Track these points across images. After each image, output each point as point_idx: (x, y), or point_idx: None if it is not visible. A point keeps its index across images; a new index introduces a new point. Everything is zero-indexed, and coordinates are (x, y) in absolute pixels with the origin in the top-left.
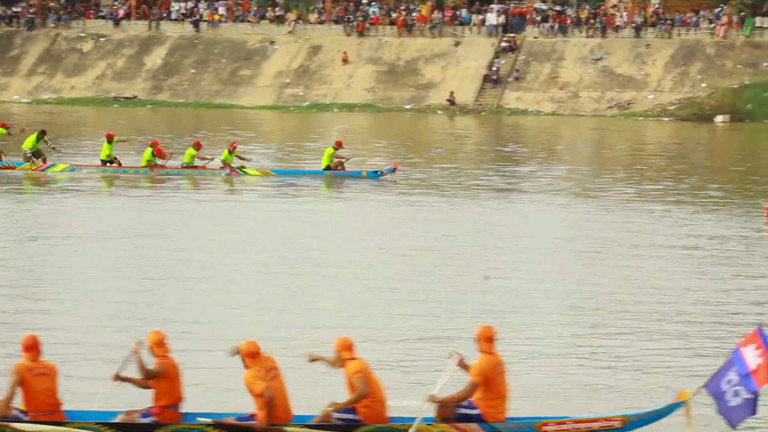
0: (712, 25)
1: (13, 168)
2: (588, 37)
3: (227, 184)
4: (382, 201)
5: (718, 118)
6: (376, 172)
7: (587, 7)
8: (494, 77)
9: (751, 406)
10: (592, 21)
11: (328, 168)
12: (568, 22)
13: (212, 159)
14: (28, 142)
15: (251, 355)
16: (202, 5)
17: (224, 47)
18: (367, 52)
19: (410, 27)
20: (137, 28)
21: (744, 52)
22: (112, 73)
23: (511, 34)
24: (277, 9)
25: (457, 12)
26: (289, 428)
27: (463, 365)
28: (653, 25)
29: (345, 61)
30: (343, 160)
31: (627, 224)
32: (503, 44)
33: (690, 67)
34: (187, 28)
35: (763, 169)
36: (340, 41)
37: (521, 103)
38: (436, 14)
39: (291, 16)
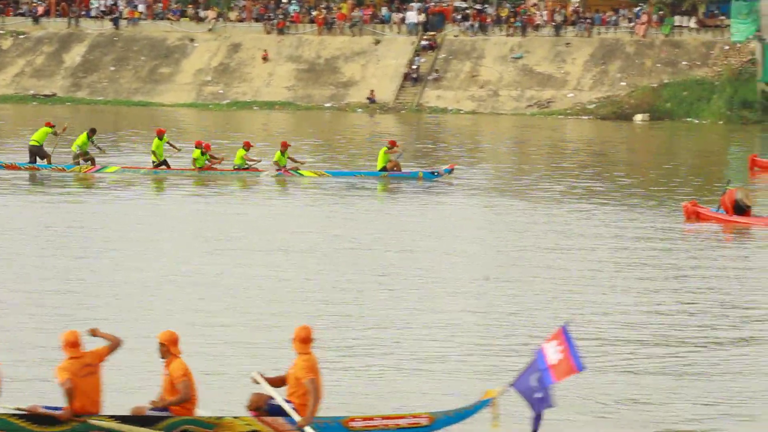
0: (632, 24)
1: (62, 170)
2: (508, 35)
3: (279, 185)
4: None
5: (638, 117)
6: (433, 172)
7: (507, 5)
8: (414, 75)
9: (548, 399)
10: (512, 20)
11: (384, 169)
12: (489, 20)
13: (260, 161)
14: (78, 143)
15: (70, 345)
16: (121, 2)
17: (144, 45)
18: (287, 51)
19: (330, 25)
20: (57, 25)
21: (663, 51)
22: (31, 71)
23: (432, 33)
24: (197, 7)
25: (378, 10)
26: (93, 420)
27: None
28: (573, 23)
29: (265, 59)
30: (398, 161)
31: (547, 222)
32: (423, 43)
33: (609, 66)
34: (107, 25)
35: (682, 167)
36: (260, 39)
37: (441, 102)
38: (357, 12)
39: (211, 13)
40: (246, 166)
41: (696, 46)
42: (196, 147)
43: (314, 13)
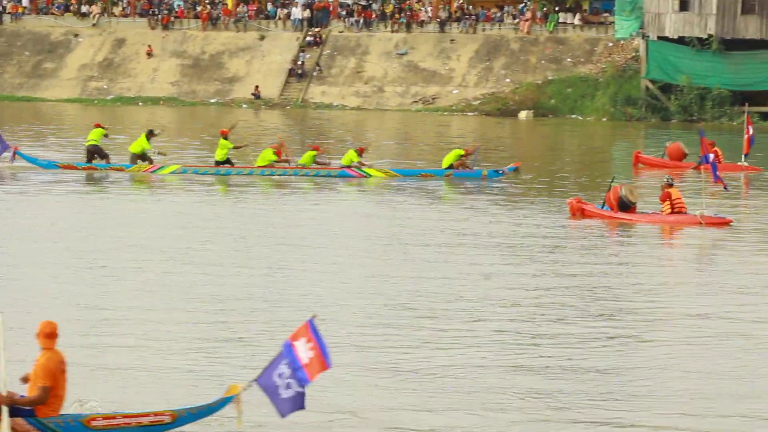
0: (516, 21)
1: (121, 170)
2: (393, 31)
3: (349, 186)
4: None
5: (522, 114)
6: (497, 171)
7: (392, 1)
8: (299, 71)
9: (301, 399)
10: (397, 16)
11: (450, 167)
12: (373, 16)
13: (329, 163)
14: (137, 143)
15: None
16: None
17: (27, 40)
18: (172, 46)
19: (215, 20)
20: None
21: (547, 47)
22: None
23: (316, 29)
24: (81, 2)
25: (263, 6)
26: None
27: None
28: (458, 20)
29: (150, 54)
30: (467, 161)
31: (426, 219)
32: (308, 38)
33: (494, 63)
34: None
35: (566, 163)
36: (144, 34)
37: (326, 98)
38: (241, 8)
39: (95, 8)
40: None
41: (580, 43)
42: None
43: (199, 8)
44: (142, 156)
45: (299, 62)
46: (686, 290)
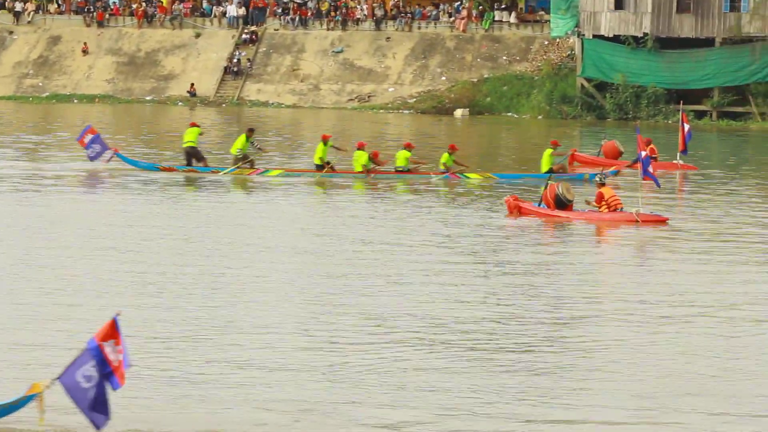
0: (452, 19)
1: (217, 173)
2: (328, 29)
3: (445, 187)
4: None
5: (458, 111)
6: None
7: None
8: (235, 69)
9: (107, 406)
10: (332, 14)
11: (550, 171)
12: (309, 14)
13: (424, 164)
14: (238, 144)
15: None
16: None
17: None
18: (107, 43)
19: (151, 18)
20: None
21: (483, 45)
22: None
23: (252, 26)
24: None
25: (199, 4)
26: None
27: None
28: (393, 18)
29: (85, 51)
30: (563, 163)
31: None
32: (244, 36)
33: (430, 61)
34: None
35: (502, 161)
36: (80, 32)
37: (262, 95)
38: (177, 5)
39: (30, 6)
40: (409, 168)
41: (516, 41)
42: (359, 149)
43: (134, 6)
44: (244, 157)
45: (235, 60)
46: (622, 287)
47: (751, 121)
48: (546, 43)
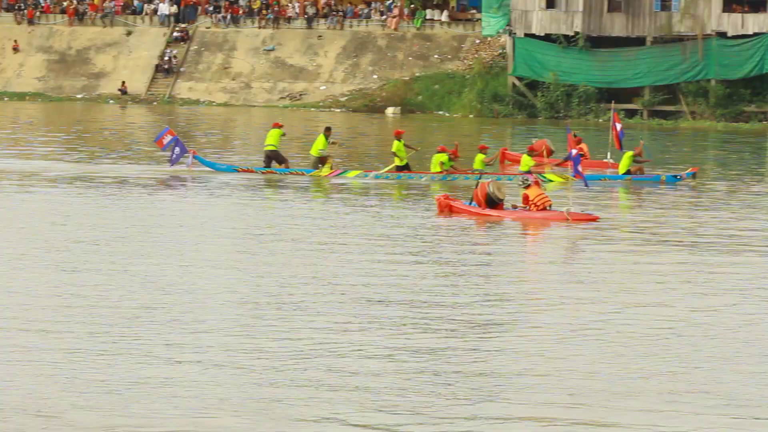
0: (384, 18)
1: (302, 174)
2: (260, 27)
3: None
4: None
5: (389, 110)
6: (675, 176)
7: None
8: (166, 67)
9: None
10: (264, 12)
11: (628, 173)
12: (241, 12)
13: (490, 163)
14: (319, 145)
15: None
16: None
17: None
18: (38, 41)
19: (82, 16)
20: None
21: (415, 44)
22: None
23: (184, 24)
24: None
25: (130, 1)
26: None
27: None
28: (325, 16)
29: (15, 49)
30: (642, 165)
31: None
32: (176, 34)
33: (361, 59)
34: None
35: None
36: (10, 29)
37: (193, 93)
38: (108, 3)
39: None
40: (483, 169)
41: (447, 40)
42: (440, 152)
43: (65, 3)
44: (323, 159)
45: (166, 58)
46: (553, 285)
47: (682, 119)
48: (477, 41)
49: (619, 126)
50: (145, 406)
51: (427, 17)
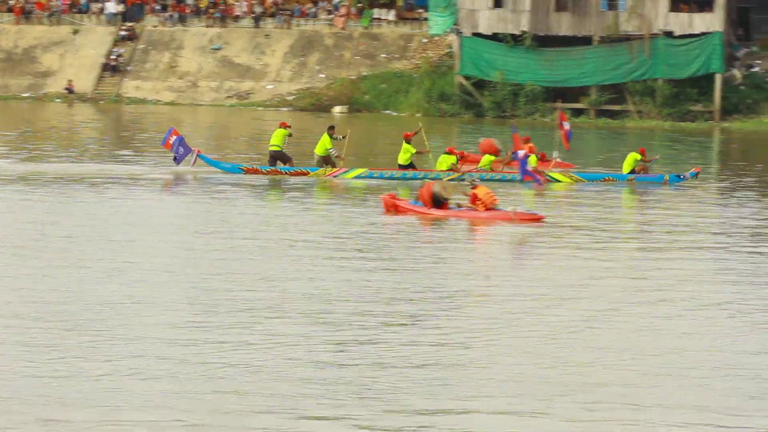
0: (331, 17)
1: (306, 174)
2: (207, 26)
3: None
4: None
5: (336, 109)
6: (678, 175)
7: None
8: (113, 66)
9: None
10: (211, 10)
11: (632, 172)
12: (188, 11)
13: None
14: (325, 143)
15: None
16: None
17: None
18: None
19: (28, 14)
20: None
21: (362, 43)
22: None
23: (131, 23)
24: None
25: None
26: None
27: None
28: (272, 15)
29: None
30: (647, 165)
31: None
32: (122, 33)
33: (309, 58)
34: None
35: (381, 159)
36: None
37: (140, 92)
38: (55, 2)
39: None
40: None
41: (394, 39)
42: (448, 153)
43: (11, 2)
44: (327, 158)
45: (113, 57)
46: (498, 283)
47: (629, 119)
48: (425, 40)
49: (567, 125)
50: (74, 401)
51: (375, 16)
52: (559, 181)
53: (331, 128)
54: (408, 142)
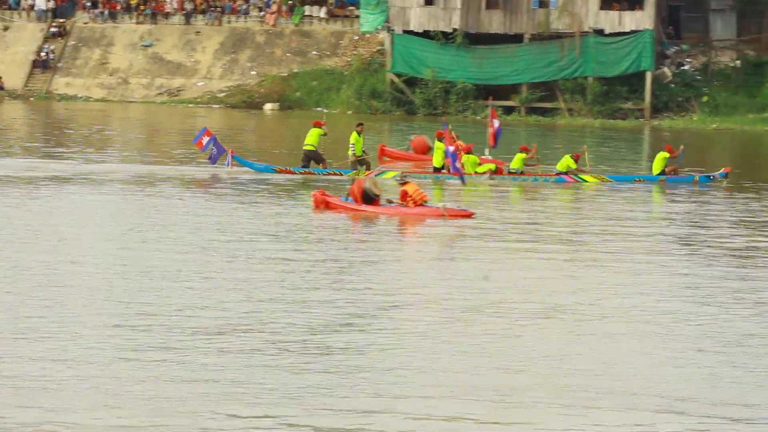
0: (262, 14)
1: (340, 175)
2: (138, 23)
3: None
4: None
5: (268, 106)
6: (708, 176)
7: None
8: (44, 62)
9: None
10: (142, 7)
11: (662, 173)
12: (119, 8)
13: (536, 165)
14: (359, 145)
15: None
16: None
17: None
18: None
19: None
20: None
21: (293, 40)
22: None
23: (61, 20)
24: None
25: None
26: None
27: None
28: (203, 12)
29: None
30: (676, 159)
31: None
32: (53, 29)
33: (240, 55)
34: None
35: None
36: None
37: (71, 89)
38: None
39: None
40: (522, 170)
41: (326, 36)
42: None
43: None
44: (362, 159)
45: (43, 53)
46: (428, 278)
47: (559, 116)
48: (356, 38)
49: (497, 123)
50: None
51: (306, 13)
52: (586, 181)
53: (360, 125)
54: (440, 141)
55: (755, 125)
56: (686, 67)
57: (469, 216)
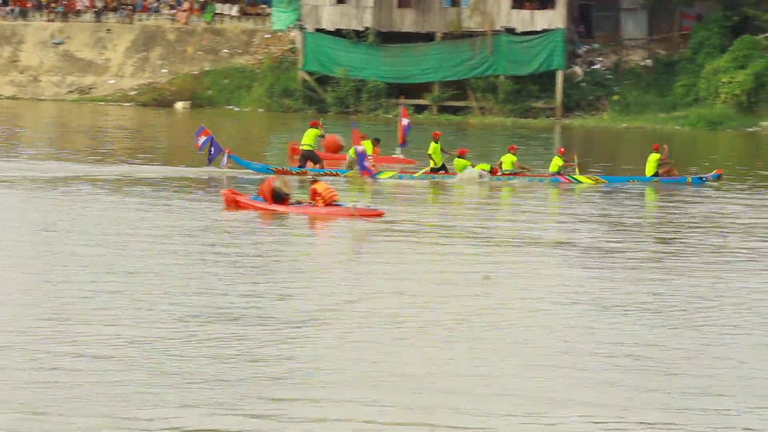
0: (174, 12)
1: (337, 176)
2: (49, 21)
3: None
4: None
5: (179, 104)
6: (700, 178)
7: None
8: None
9: None
10: (53, 5)
11: (656, 175)
12: (29, 5)
13: (529, 168)
14: (368, 149)
15: None
16: None
17: None
18: None
19: None
20: None
21: (205, 38)
22: None
23: None
24: None
25: None
26: None
27: None
28: (114, 10)
29: None
30: (670, 167)
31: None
32: None
33: (151, 53)
34: None
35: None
36: None
37: None
38: None
39: None
40: (515, 171)
41: (237, 34)
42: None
43: None
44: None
45: None
46: (339, 278)
47: (471, 115)
48: (268, 36)
49: (405, 121)
50: None
51: (217, 11)
52: (580, 182)
53: (376, 141)
54: (436, 142)
55: (666, 124)
56: (597, 66)
57: (378, 215)
